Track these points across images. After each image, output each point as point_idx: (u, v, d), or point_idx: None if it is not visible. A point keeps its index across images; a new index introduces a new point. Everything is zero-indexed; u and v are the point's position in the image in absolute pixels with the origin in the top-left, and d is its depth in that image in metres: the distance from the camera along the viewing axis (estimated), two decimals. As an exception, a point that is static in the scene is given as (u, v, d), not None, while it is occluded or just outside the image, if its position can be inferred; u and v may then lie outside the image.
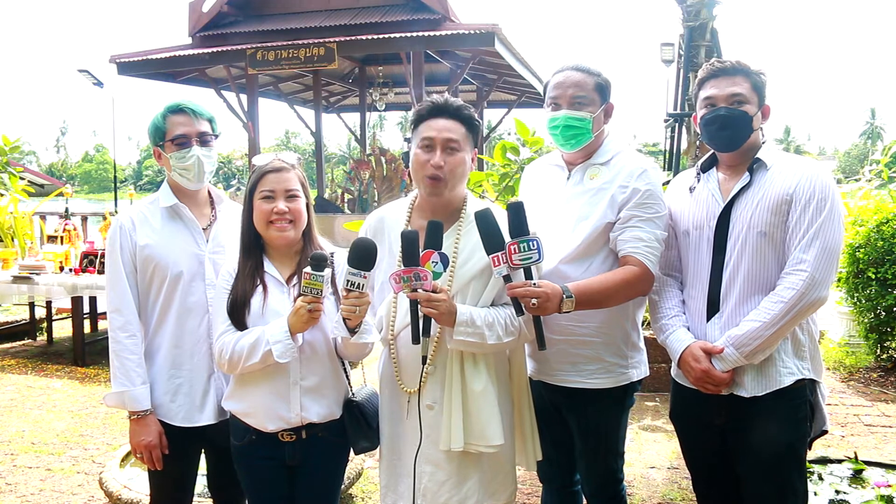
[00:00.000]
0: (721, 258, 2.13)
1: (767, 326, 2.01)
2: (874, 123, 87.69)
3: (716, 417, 2.16)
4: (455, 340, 1.98)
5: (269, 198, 2.12)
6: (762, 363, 2.09)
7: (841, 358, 6.19)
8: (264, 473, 2.19)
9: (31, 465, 4.14)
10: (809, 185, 2.03)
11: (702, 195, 2.22)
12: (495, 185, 4.49)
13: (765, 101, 2.16)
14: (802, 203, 2.02)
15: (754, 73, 2.13)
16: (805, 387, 2.11)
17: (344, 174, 15.60)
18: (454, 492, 2.06)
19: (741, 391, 2.11)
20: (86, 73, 18.89)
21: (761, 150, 2.15)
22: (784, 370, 2.08)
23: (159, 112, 2.30)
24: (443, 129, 2.06)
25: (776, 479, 2.11)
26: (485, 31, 11.21)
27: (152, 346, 2.30)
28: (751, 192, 2.11)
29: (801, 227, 2.02)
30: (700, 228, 2.19)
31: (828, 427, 2.18)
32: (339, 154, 50.65)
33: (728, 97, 2.11)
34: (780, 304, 2.00)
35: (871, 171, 8.47)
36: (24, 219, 7.92)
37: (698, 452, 2.33)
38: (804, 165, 2.10)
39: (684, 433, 2.37)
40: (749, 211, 2.09)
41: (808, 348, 2.13)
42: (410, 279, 1.90)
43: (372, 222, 2.24)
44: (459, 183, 2.11)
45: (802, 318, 2.06)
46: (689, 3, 6.00)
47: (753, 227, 2.08)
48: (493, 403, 2.04)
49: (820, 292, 2.00)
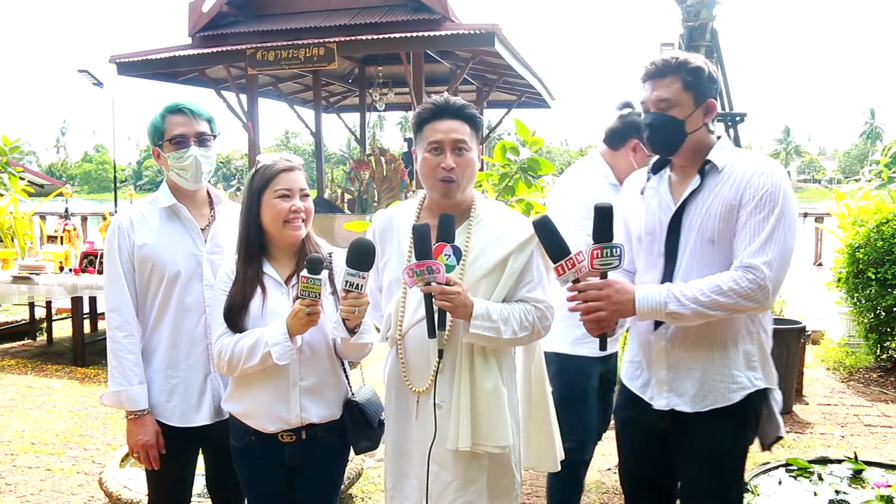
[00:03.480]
0: (672, 267, 2.04)
1: (708, 306, 1.88)
2: (874, 123, 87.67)
3: (659, 422, 2.10)
4: (471, 334, 1.96)
5: (286, 196, 2.11)
6: (708, 376, 2.00)
7: (841, 358, 6.18)
8: (264, 474, 2.19)
9: (31, 465, 4.14)
10: (759, 187, 1.92)
11: (653, 199, 2.12)
12: (495, 185, 4.48)
13: (705, 98, 2.01)
14: (752, 205, 1.91)
15: (686, 72, 1.98)
16: (757, 398, 2.02)
17: (344, 174, 15.57)
18: (459, 493, 2.05)
19: (682, 406, 2.03)
20: (86, 73, 18.87)
21: (713, 150, 2.02)
22: (734, 385, 1.99)
23: (158, 112, 2.30)
24: (450, 131, 2.04)
25: (714, 490, 2.06)
26: (485, 31, 11.19)
27: (149, 346, 2.30)
28: (701, 196, 2.00)
29: (751, 230, 1.90)
30: (652, 234, 2.11)
31: (783, 433, 2.10)
32: (339, 154, 50.66)
33: (655, 102, 2.01)
34: (724, 297, 1.88)
35: (871, 171, 8.47)
36: (24, 219, 7.93)
37: (636, 454, 2.28)
38: (755, 165, 1.96)
39: (625, 432, 2.30)
40: (699, 218, 1.99)
41: (759, 357, 2.03)
42: (423, 272, 1.88)
43: (380, 222, 2.22)
44: (470, 183, 2.10)
45: (735, 314, 1.95)
46: (689, 3, 5.99)
47: (702, 235, 1.98)
48: (502, 404, 2.04)
49: (771, 300, 1.91)
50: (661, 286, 1.96)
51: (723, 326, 1.99)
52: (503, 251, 2.04)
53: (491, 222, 2.10)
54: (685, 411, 2.03)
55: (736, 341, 2.00)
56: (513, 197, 4.47)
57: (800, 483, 3.04)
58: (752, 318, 2.02)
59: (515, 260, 2.04)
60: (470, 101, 7.29)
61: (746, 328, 2.02)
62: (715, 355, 2.00)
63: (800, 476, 3.09)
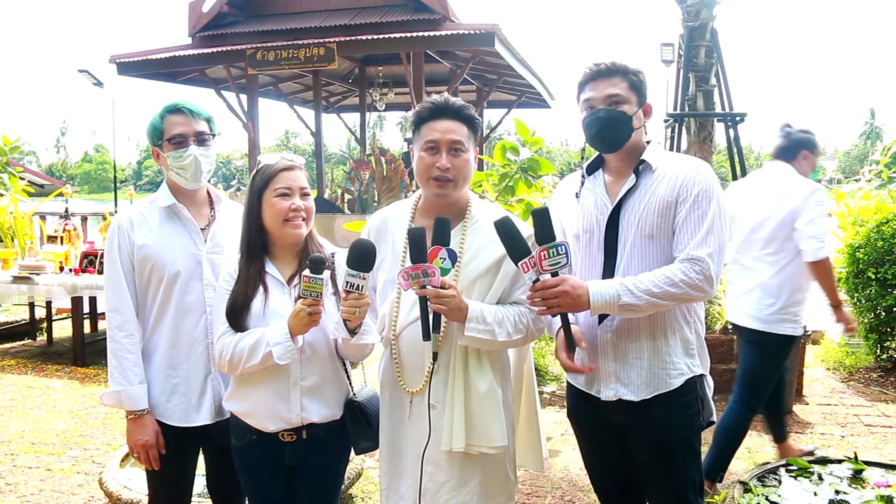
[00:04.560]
0: (612, 261, 2.13)
1: (660, 296, 1.99)
2: (874, 123, 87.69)
3: (613, 415, 2.17)
4: (466, 337, 1.97)
5: (285, 195, 2.11)
6: (651, 364, 2.10)
7: (841, 358, 6.18)
8: (265, 473, 2.19)
9: (31, 465, 4.14)
10: (694, 185, 2.05)
11: (588, 199, 2.21)
12: (495, 185, 4.49)
13: (645, 100, 2.16)
14: (690, 202, 2.04)
15: (632, 73, 2.12)
16: (695, 383, 2.14)
17: (344, 174, 15.57)
18: (453, 493, 2.06)
19: (628, 395, 2.12)
20: (86, 73, 18.88)
21: (646, 151, 2.15)
22: (674, 371, 2.10)
23: (157, 112, 2.30)
24: (446, 131, 2.05)
25: (676, 474, 2.17)
26: (485, 31, 11.20)
27: (149, 346, 2.30)
28: (637, 194, 2.11)
29: (691, 225, 2.03)
30: (590, 232, 2.18)
31: (714, 418, 2.23)
32: (339, 154, 50.63)
33: (605, 98, 2.10)
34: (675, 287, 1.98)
35: (871, 171, 8.48)
36: (24, 219, 7.93)
37: (598, 451, 2.34)
38: (687, 165, 2.11)
39: (583, 433, 2.36)
40: (637, 214, 2.09)
41: (696, 345, 2.16)
42: (419, 276, 1.89)
43: (375, 222, 2.23)
44: (465, 183, 2.11)
45: (683, 304, 2.09)
46: (689, 4, 5.99)
47: (642, 230, 2.08)
48: (497, 404, 2.04)
49: (714, 289, 2.03)
50: (611, 281, 2.04)
51: (663, 317, 2.10)
52: (497, 253, 2.05)
53: (486, 224, 2.09)
54: (632, 400, 2.12)
55: (675, 330, 2.12)
56: (513, 197, 4.47)
57: (800, 483, 3.03)
58: (688, 309, 2.15)
59: (510, 262, 2.03)
60: (470, 101, 7.28)
61: (684, 317, 2.14)
62: (657, 344, 2.11)
63: (800, 476, 3.09)
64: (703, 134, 6.06)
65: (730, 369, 5.14)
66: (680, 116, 6.01)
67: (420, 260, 1.91)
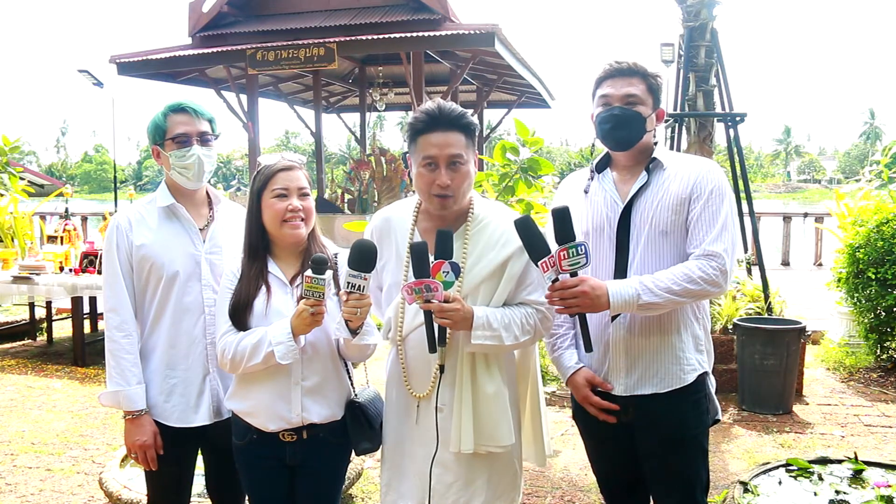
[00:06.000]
0: (624, 258, 2.15)
1: (680, 294, 2.01)
2: (874, 123, 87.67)
3: (623, 414, 2.17)
4: (473, 345, 1.96)
5: (282, 195, 2.11)
6: (664, 359, 2.12)
7: (841, 358, 6.18)
8: (265, 473, 2.19)
9: (31, 465, 4.14)
10: (707, 183, 2.09)
11: (598, 196, 2.22)
12: (495, 185, 4.49)
13: (660, 105, 2.19)
14: (704, 199, 2.08)
15: (651, 76, 2.15)
16: (704, 380, 2.17)
17: (344, 174, 15.58)
18: (462, 493, 2.05)
19: (641, 389, 2.14)
20: (86, 73, 18.85)
21: (656, 150, 2.18)
22: (688, 367, 2.13)
23: (160, 111, 2.30)
24: (444, 146, 1.98)
25: (685, 473, 2.18)
26: (485, 31, 11.20)
27: (148, 346, 2.29)
28: (650, 191, 2.13)
29: (705, 221, 2.07)
30: (600, 229, 2.19)
31: (720, 416, 2.25)
32: (339, 154, 50.61)
33: (623, 97, 2.11)
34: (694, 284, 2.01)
35: (871, 171, 8.47)
36: (24, 219, 7.92)
37: (605, 451, 2.34)
38: (699, 164, 2.16)
39: (590, 433, 2.35)
40: (650, 211, 2.11)
41: (705, 342, 2.20)
42: (422, 290, 1.89)
43: (377, 223, 2.21)
44: (467, 194, 2.08)
45: (699, 300, 2.13)
46: (689, 4, 5.98)
47: (655, 227, 2.10)
48: (504, 405, 2.04)
49: (728, 284, 2.07)
50: (629, 280, 2.05)
51: (676, 313, 2.12)
52: (502, 255, 2.03)
53: (489, 225, 2.08)
54: (644, 393, 2.13)
55: (687, 326, 2.15)
56: (513, 197, 4.47)
57: (800, 483, 3.03)
58: (698, 305, 2.18)
59: (514, 264, 2.03)
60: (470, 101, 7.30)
61: (693, 314, 2.17)
62: (671, 340, 2.13)
63: (800, 476, 3.08)
64: (703, 134, 6.05)
65: (730, 369, 5.15)
66: (680, 116, 6.01)
67: (423, 274, 1.89)
